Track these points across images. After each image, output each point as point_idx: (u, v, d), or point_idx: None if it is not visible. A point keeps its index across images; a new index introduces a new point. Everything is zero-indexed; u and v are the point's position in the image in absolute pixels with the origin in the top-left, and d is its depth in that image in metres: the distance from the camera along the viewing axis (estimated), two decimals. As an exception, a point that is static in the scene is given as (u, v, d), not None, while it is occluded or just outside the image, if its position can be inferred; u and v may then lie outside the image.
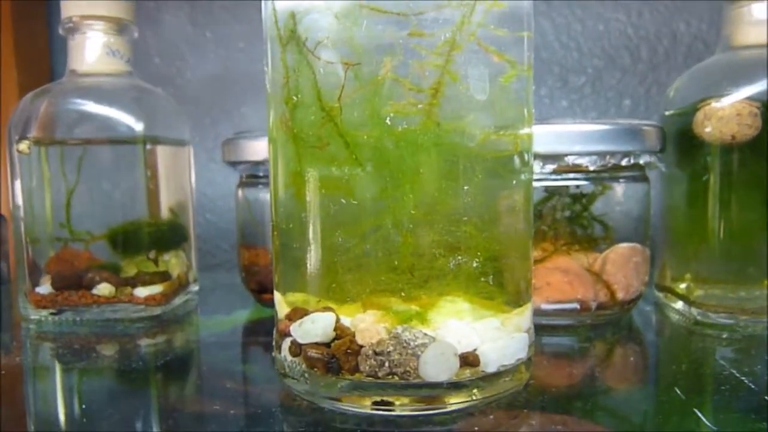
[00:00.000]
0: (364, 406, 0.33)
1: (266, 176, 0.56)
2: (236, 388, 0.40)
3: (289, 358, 0.35)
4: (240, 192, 0.59)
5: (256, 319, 0.57)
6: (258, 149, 0.54)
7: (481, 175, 0.34)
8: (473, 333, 0.34)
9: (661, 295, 0.58)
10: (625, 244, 0.51)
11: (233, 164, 0.58)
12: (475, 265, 0.34)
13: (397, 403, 0.33)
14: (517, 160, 0.35)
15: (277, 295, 0.38)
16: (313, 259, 0.36)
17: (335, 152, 0.34)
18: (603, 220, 0.52)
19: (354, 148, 0.34)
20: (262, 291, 0.58)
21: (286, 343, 0.35)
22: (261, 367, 0.44)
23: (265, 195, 0.56)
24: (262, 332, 0.51)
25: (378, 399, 0.33)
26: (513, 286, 0.35)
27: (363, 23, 0.33)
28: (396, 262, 0.34)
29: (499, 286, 0.34)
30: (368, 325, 0.34)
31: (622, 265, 0.50)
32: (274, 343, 0.37)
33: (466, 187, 0.33)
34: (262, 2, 0.36)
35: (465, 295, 0.34)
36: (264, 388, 0.39)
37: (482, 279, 0.34)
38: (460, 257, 0.34)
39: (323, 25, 0.33)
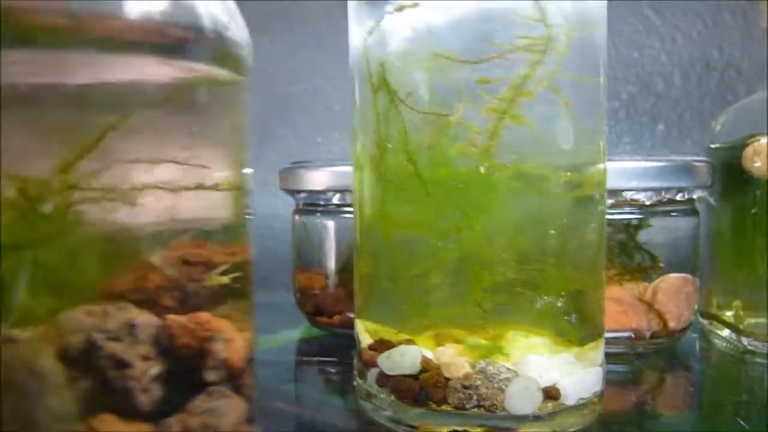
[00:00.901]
0: None
1: (324, 204, 0.58)
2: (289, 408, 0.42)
3: (376, 387, 0.37)
4: (297, 218, 0.61)
5: (307, 338, 0.59)
6: (317, 179, 0.56)
7: (555, 213, 0.36)
8: (553, 367, 0.35)
9: (705, 322, 0.59)
10: (675, 275, 0.53)
11: (291, 192, 0.60)
12: (550, 300, 0.35)
13: (476, 431, 0.35)
14: (591, 198, 0.37)
15: (359, 323, 0.40)
16: (392, 291, 0.38)
17: (416, 193, 0.36)
18: (650, 251, 0.54)
19: (430, 188, 0.36)
20: (316, 313, 0.60)
21: (372, 373, 0.37)
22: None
23: (321, 221, 0.58)
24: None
25: (459, 429, 0.35)
26: (587, 321, 0.37)
27: (443, 71, 0.35)
28: (470, 297, 0.36)
29: (574, 321, 0.36)
30: (452, 358, 0.36)
31: (673, 295, 0.52)
32: (356, 371, 0.39)
33: (541, 225, 0.35)
34: (351, 43, 0.38)
35: (540, 330, 0.36)
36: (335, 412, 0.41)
37: (558, 314, 0.36)
38: (534, 293, 0.35)
39: (411, 75, 0.35)
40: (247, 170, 0.21)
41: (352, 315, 0.46)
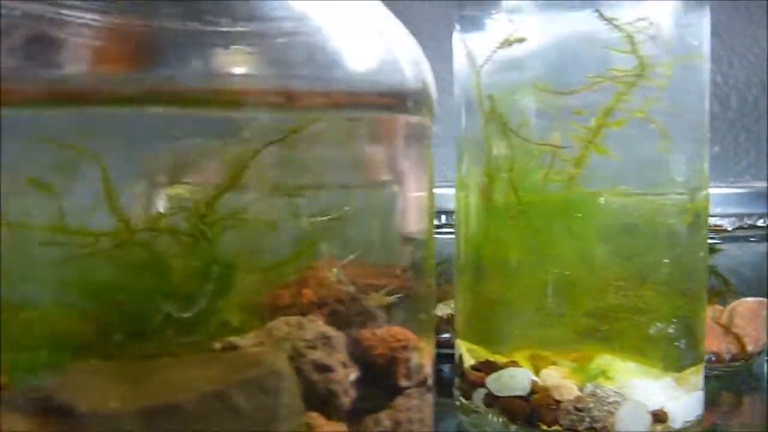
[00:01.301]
0: None
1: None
2: None
3: (483, 407, 0.38)
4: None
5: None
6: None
7: (666, 240, 0.37)
8: (658, 391, 0.37)
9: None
10: (752, 299, 0.54)
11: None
12: (662, 326, 0.37)
13: None
14: (697, 223, 0.38)
15: (460, 343, 0.41)
16: (493, 313, 0.39)
17: (522, 219, 0.38)
18: (723, 274, 0.55)
19: (530, 213, 0.38)
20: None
21: (479, 394, 0.38)
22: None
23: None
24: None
25: None
26: (692, 346, 0.38)
27: (547, 102, 0.37)
28: (569, 321, 0.37)
29: (683, 346, 0.37)
30: (560, 381, 0.37)
31: (750, 318, 0.53)
32: (459, 391, 0.40)
33: (654, 252, 0.36)
34: (456, 72, 0.40)
35: (641, 355, 0.37)
36: None
37: (669, 340, 0.37)
38: (645, 318, 0.37)
39: (519, 107, 0.37)
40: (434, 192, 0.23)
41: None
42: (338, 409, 0.21)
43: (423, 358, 0.22)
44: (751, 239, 0.53)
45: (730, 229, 0.51)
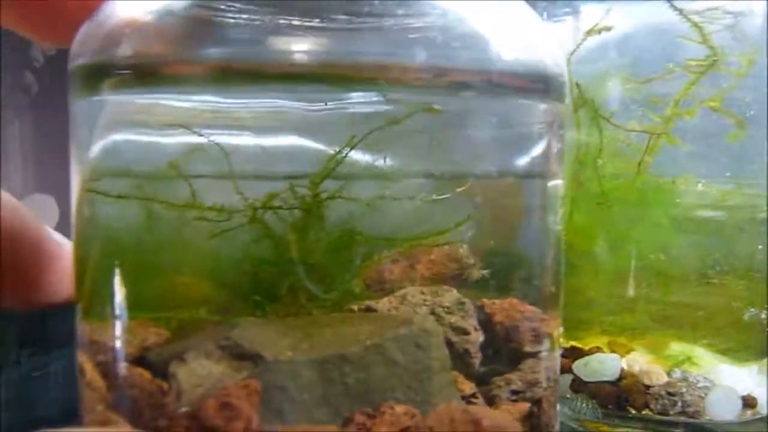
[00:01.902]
0: None
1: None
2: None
3: (570, 393, 0.40)
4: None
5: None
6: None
7: (728, 227, 0.39)
8: (745, 377, 0.38)
9: None
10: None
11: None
12: (755, 312, 0.38)
13: None
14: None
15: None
16: (572, 300, 0.41)
17: (603, 206, 0.40)
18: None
19: (617, 200, 0.40)
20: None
21: (565, 380, 0.40)
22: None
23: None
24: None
25: None
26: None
27: (631, 91, 0.39)
28: (649, 308, 0.39)
29: (765, 332, 0.39)
30: (647, 366, 0.38)
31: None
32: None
33: (748, 241, 0.38)
34: None
35: (725, 341, 0.39)
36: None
37: (760, 326, 0.38)
38: (730, 304, 0.38)
39: (606, 94, 0.40)
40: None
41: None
42: (471, 369, 0.24)
43: (548, 327, 0.24)
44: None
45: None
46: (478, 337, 0.24)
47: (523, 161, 0.24)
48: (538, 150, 0.24)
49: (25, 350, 0.62)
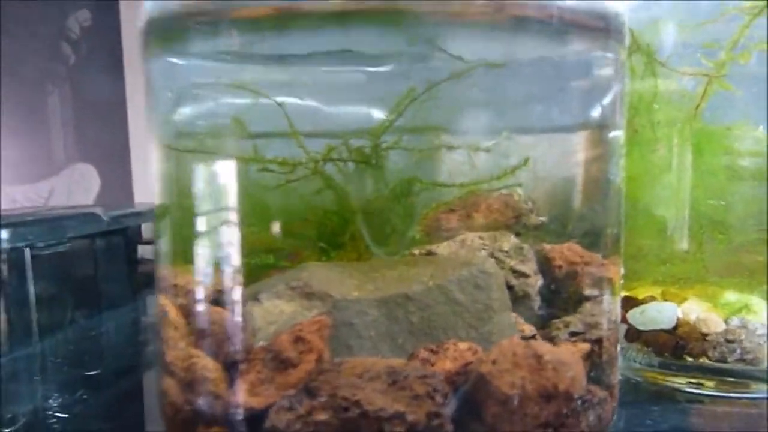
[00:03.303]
0: (681, 383, 0.38)
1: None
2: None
3: (625, 342, 0.41)
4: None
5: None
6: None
7: None
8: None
9: None
10: None
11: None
12: None
13: (709, 384, 0.38)
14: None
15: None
16: (627, 249, 0.42)
17: (658, 154, 0.40)
18: None
19: (672, 147, 0.40)
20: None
21: (620, 329, 0.41)
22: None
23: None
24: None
25: (693, 381, 0.38)
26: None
27: (683, 35, 0.38)
28: (702, 257, 0.39)
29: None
30: (704, 314, 0.39)
31: None
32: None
33: None
34: None
35: None
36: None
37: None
38: None
39: (660, 40, 0.39)
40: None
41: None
42: (531, 311, 0.25)
43: (607, 272, 0.25)
44: None
45: None
46: (538, 280, 0.25)
47: (584, 109, 0.25)
48: (599, 98, 0.25)
49: (80, 311, 0.66)
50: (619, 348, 0.25)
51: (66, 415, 0.38)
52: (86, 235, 0.71)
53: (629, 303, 0.43)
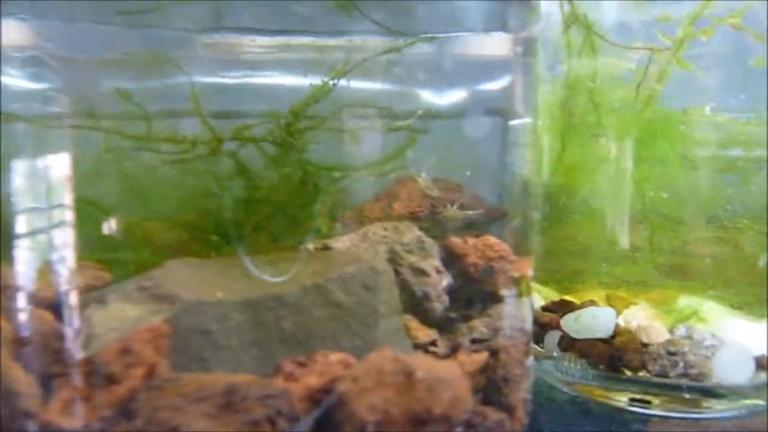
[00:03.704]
0: (621, 401, 0.36)
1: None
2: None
3: (557, 351, 0.38)
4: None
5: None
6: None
7: (744, 165, 0.36)
8: (761, 335, 0.36)
9: None
10: None
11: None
12: (751, 262, 0.36)
13: (656, 402, 0.35)
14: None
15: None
16: (564, 248, 0.39)
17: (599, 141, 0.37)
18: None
19: (614, 133, 0.37)
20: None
21: (552, 337, 0.38)
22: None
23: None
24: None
25: (636, 396, 0.36)
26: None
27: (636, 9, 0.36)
28: (649, 257, 0.37)
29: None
30: (647, 322, 0.36)
31: None
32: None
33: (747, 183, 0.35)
34: None
35: (735, 294, 0.37)
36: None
37: (759, 277, 0.36)
38: (730, 254, 0.36)
39: (604, 11, 0.36)
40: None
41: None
42: (431, 313, 0.22)
43: (519, 270, 0.22)
44: None
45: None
46: (441, 279, 0.22)
47: (470, 93, 0.22)
48: (491, 79, 0.22)
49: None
50: (529, 360, 0.23)
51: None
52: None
53: (565, 307, 0.40)
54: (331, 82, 0.21)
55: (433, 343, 0.22)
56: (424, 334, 0.22)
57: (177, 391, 0.16)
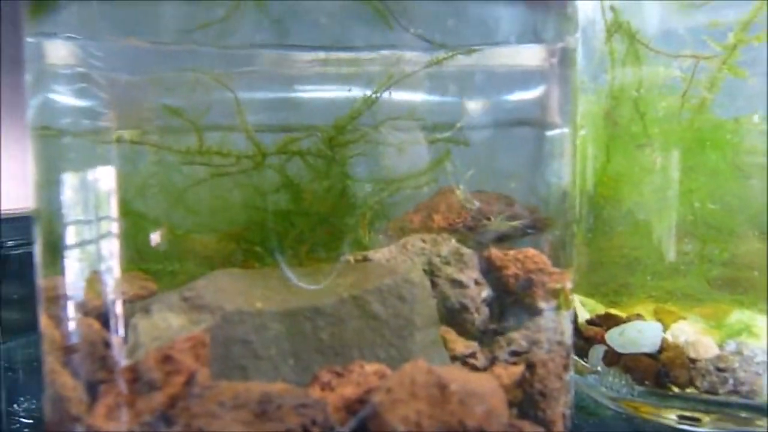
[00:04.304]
0: (668, 418, 0.34)
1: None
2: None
3: (602, 366, 0.37)
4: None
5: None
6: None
7: None
8: (815, 353, 0.34)
9: None
10: None
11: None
12: None
13: (706, 419, 0.34)
14: None
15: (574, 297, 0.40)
16: (611, 260, 0.38)
17: (646, 151, 0.36)
18: None
19: (660, 142, 0.36)
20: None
21: (597, 351, 0.38)
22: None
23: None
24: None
25: (685, 413, 0.35)
26: None
27: (680, 15, 0.35)
28: (700, 270, 0.36)
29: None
30: (695, 337, 0.35)
31: None
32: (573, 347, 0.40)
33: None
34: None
35: None
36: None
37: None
38: None
39: (647, 18, 0.36)
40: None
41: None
42: (469, 325, 0.22)
43: (559, 282, 0.22)
44: None
45: None
46: (480, 291, 0.22)
47: (512, 104, 0.22)
48: (530, 89, 0.22)
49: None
50: (569, 374, 0.22)
51: (31, 421, 0.36)
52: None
53: (610, 321, 0.40)
54: (374, 96, 0.22)
55: (473, 355, 0.22)
56: (463, 345, 0.22)
57: (214, 399, 0.16)
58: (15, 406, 0.39)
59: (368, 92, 0.22)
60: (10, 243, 0.60)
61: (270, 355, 0.21)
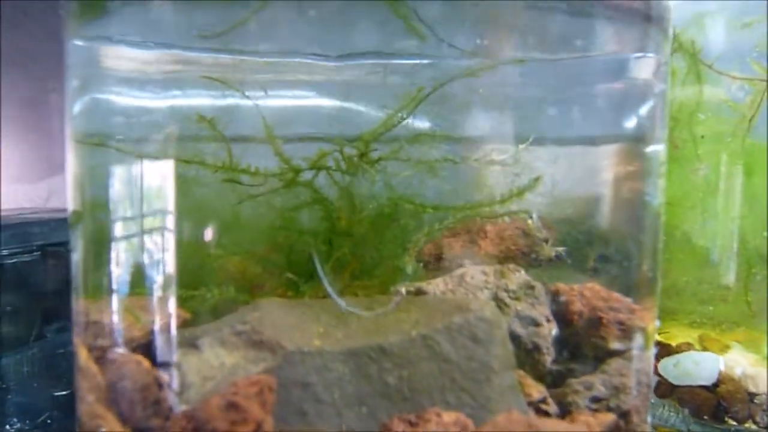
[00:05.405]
0: None
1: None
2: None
3: (654, 398, 0.36)
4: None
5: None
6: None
7: None
8: None
9: None
10: None
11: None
12: None
13: None
14: None
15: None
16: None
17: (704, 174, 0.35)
18: None
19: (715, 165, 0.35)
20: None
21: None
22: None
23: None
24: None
25: None
26: None
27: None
28: (738, 295, 0.35)
29: None
30: (752, 369, 0.34)
31: None
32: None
33: None
34: None
35: None
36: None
37: None
38: None
39: (707, 38, 0.35)
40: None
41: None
42: (541, 368, 0.21)
43: (639, 320, 0.21)
44: None
45: None
46: (551, 329, 0.21)
47: (609, 118, 0.21)
48: (630, 103, 0.20)
49: (50, 326, 0.62)
50: (649, 420, 0.21)
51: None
52: (59, 243, 0.66)
53: (661, 351, 0.38)
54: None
55: (544, 401, 0.20)
56: (537, 390, 0.21)
57: (286, 456, 0.15)
58: (7, 427, 0.37)
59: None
60: (5, 252, 0.58)
61: (333, 400, 0.19)
